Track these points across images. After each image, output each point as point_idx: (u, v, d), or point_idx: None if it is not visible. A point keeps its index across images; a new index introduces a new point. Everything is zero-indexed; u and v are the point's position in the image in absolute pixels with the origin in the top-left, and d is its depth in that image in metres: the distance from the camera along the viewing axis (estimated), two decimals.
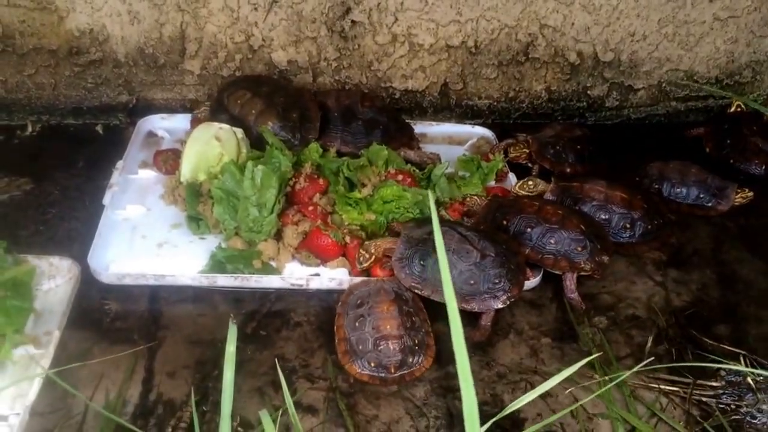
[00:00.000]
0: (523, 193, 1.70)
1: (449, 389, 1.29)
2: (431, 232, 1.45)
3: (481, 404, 1.26)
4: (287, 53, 1.94)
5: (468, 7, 1.88)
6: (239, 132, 1.71)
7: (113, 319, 1.40)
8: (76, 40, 1.87)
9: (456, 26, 1.91)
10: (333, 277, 1.49)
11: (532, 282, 1.52)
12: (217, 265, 1.49)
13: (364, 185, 1.63)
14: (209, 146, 1.65)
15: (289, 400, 1.01)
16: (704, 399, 1.29)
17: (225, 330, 1.35)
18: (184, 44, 1.90)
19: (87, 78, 1.94)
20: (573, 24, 1.92)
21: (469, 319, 1.42)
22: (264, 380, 1.29)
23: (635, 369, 1.20)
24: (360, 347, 1.29)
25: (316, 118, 1.80)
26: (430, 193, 1.60)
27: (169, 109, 2.00)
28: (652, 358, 1.33)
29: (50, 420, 1.19)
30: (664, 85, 2.06)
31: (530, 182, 1.71)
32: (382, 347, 1.27)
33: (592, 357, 0.99)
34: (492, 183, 1.80)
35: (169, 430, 1.18)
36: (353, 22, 1.88)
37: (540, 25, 1.92)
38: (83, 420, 1.19)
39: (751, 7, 1.92)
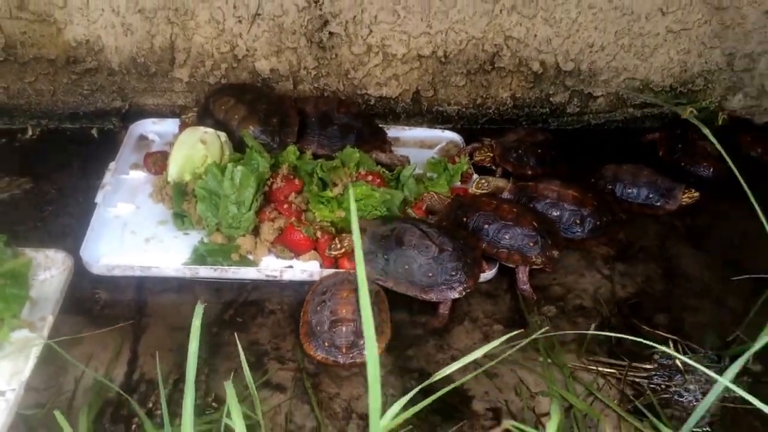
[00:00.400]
0: (479, 191, 1.79)
1: (406, 370, 1.39)
2: (394, 229, 1.56)
3: (435, 382, 1.36)
4: (269, 62, 2.02)
5: (437, 20, 1.97)
6: (223, 136, 1.79)
7: (102, 306, 1.49)
8: (73, 50, 1.95)
9: (426, 38, 2.00)
10: (305, 269, 1.58)
11: (488, 274, 1.61)
12: (199, 258, 1.59)
13: (335, 185, 1.72)
14: (195, 149, 1.73)
15: (247, 370, 1.11)
16: (638, 380, 1.38)
17: (204, 317, 1.47)
18: (173, 54, 1.99)
19: (83, 85, 2.02)
20: (535, 36, 2.01)
21: (428, 307, 1.52)
22: (239, 362, 1.36)
23: (532, 337, 1.28)
24: (318, 328, 1.38)
25: (294, 123, 1.88)
26: (398, 192, 1.71)
27: (160, 114, 2.08)
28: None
29: (44, 395, 1.28)
30: (621, 92, 2.15)
31: (483, 181, 1.82)
32: (336, 329, 1.36)
33: (514, 333, 1.09)
34: (458, 184, 1.90)
35: (150, 404, 1.28)
36: (331, 33, 1.97)
37: (505, 36, 2.01)
38: (73, 396, 1.29)
39: (702, 20, 2.01)
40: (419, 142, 2.11)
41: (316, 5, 1.92)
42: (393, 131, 2.09)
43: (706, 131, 1.13)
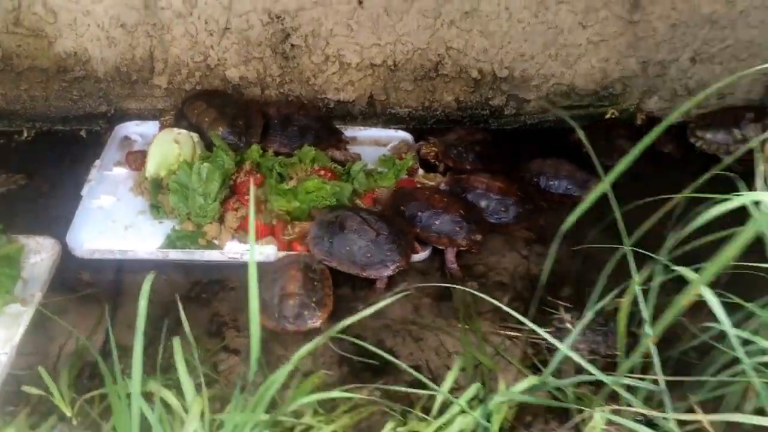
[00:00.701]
0: (425, 182, 1.95)
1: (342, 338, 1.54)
2: (338, 216, 1.70)
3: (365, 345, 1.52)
4: (239, 71, 2.13)
5: (386, 33, 2.08)
6: (195, 136, 1.92)
7: (85, 285, 1.63)
8: (63, 61, 2.06)
9: (377, 48, 2.12)
10: (263, 252, 1.72)
11: (422, 255, 1.75)
12: (172, 243, 1.72)
13: (291, 178, 1.86)
14: (170, 148, 1.86)
15: (190, 336, 1.28)
16: (538, 341, 1.54)
17: (175, 294, 1.62)
18: (153, 63, 2.10)
19: (73, 92, 2.13)
20: (473, 47, 2.13)
21: (369, 284, 1.67)
22: (200, 330, 1.53)
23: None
24: (270, 302, 1.53)
25: (258, 125, 2.02)
26: (347, 185, 1.85)
27: (142, 117, 2.18)
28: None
29: (33, 359, 1.42)
30: (551, 96, 2.29)
31: (430, 174, 1.97)
32: (283, 302, 1.51)
33: (402, 292, 1.23)
34: (405, 176, 2.04)
35: (122, 366, 1.43)
36: (292, 45, 2.09)
37: (446, 47, 2.13)
38: (58, 359, 1.44)
39: (618, 33, 2.13)
40: (374, 141, 2.22)
41: (279, 20, 2.05)
42: (350, 131, 2.21)
43: (580, 132, 1.28)
